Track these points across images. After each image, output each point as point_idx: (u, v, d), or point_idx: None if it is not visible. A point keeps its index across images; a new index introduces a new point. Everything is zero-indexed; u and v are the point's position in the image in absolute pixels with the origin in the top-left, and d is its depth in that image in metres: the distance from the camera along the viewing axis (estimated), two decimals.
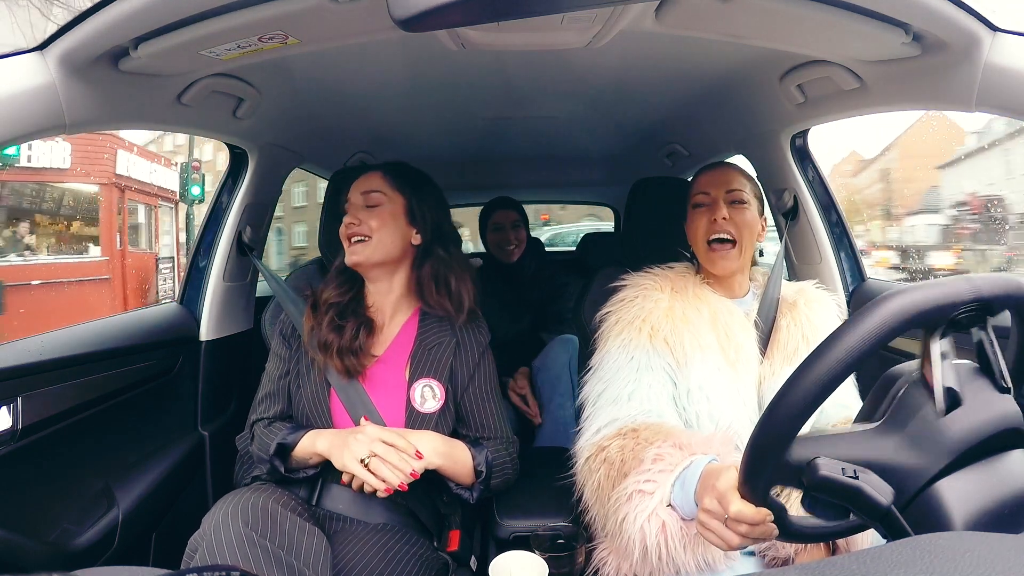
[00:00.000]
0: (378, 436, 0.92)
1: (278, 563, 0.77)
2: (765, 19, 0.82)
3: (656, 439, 0.83)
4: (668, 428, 0.87)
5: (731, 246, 1.01)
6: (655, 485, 0.78)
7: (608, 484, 0.85)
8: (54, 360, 0.98)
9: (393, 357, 1.07)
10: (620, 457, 0.85)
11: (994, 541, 0.33)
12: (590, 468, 0.90)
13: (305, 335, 1.07)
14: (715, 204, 1.01)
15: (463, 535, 1.05)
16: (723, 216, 1.00)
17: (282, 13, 0.73)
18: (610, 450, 0.87)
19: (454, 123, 1.72)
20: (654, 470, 0.79)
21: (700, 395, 0.95)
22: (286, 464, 0.99)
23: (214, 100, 1.07)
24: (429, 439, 0.98)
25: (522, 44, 0.99)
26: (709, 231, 1.01)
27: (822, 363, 0.49)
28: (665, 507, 0.78)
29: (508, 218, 1.98)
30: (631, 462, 0.83)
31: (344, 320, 1.05)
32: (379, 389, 1.05)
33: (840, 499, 0.51)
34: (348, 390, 1.03)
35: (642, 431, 0.87)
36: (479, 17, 0.55)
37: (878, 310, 0.48)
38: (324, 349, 1.03)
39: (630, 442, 0.86)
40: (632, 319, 1.00)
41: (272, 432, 1.02)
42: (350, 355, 1.03)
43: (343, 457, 0.92)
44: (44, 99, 0.75)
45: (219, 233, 1.41)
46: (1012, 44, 0.76)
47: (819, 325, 1.02)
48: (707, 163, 1.11)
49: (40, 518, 0.97)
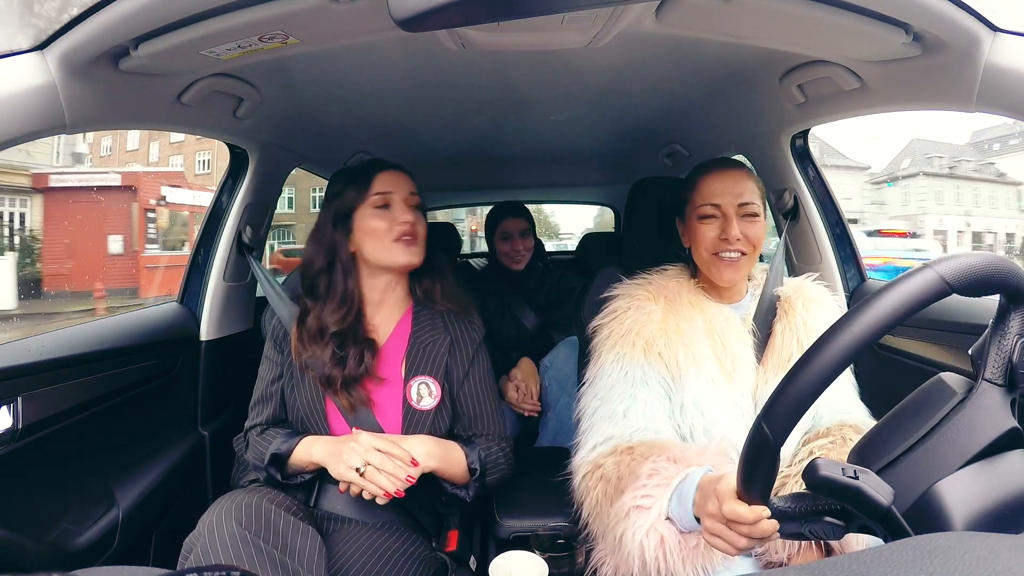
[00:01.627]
0: (372, 444, 0.92)
1: (272, 562, 0.77)
2: (765, 19, 0.82)
3: (651, 454, 0.83)
4: (662, 443, 0.87)
5: (741, 256, 0.96)
6: (652, 500, 0.78)
7: (606, 501, 0.85)
8: (54, 360, 0.98)
9: (389, 355, 1.07)
10: (616, 474, 0.85)
11: (994, 541, 0.33)
12: (587, 486, 0.90)
13: (295, 355, 1.05)
14: (727, 219, 0.95)
15: (462, 535, 1.05)
16: (736, 236, 0.94)
17: (282, 13, 0.73)
18: (606, 467, 0.87)
19: (454, 123, 1.72)
20: (650, 485, 0.79)
21: (695, 409, 0.94)
22: (283, 472, 1.00)
23: (214, 100, 1.07)
24: (423, 443, 0.97)
25: (522, 44, 0.99)
26: (719, 246, 0.96)
27: (817, 360, 0.49)
28: (663, 521, 0.78)
29: (518, 227, 1.97)
30: (627, 479, 0.82)
31: (345, 349, 1.03)
32: (376, 387, 1.05)
33: (840, 499, 0.51)
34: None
35: (637, 448, 0.87)
36: (479, 17, 0.55)
37: (872, 304, 0.48)
38: (328, 384, 1.01)
39: (625, 458, 0.86)
40: (625, 333, 0.98)
41: (266, 440, 1.01)
42: (354, 383, 1.01)
43: (338, 466, 0.92)
44: (44, 99, 0.75)
45: (219, 233, 1.41)
46: (1012, 44, 0.76)
47: (815, 328, 0.99)
48: (711, 161, 1.04)
49: (40, 518, 0.97)
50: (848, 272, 1.40)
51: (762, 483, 0.56)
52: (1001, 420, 0.51)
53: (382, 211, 1.05)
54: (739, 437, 0.93)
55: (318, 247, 1.06)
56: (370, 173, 1.07)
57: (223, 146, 1.41)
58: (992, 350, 0.54)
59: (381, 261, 1.05)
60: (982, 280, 0.50)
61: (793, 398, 0.50)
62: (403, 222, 1.04)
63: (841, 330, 0.49)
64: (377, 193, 1.05)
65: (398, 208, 1.05)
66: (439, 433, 1.05)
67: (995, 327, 0.55)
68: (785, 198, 1.41)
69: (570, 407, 1.60)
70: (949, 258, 0.51)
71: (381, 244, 1.04)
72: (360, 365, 1.01)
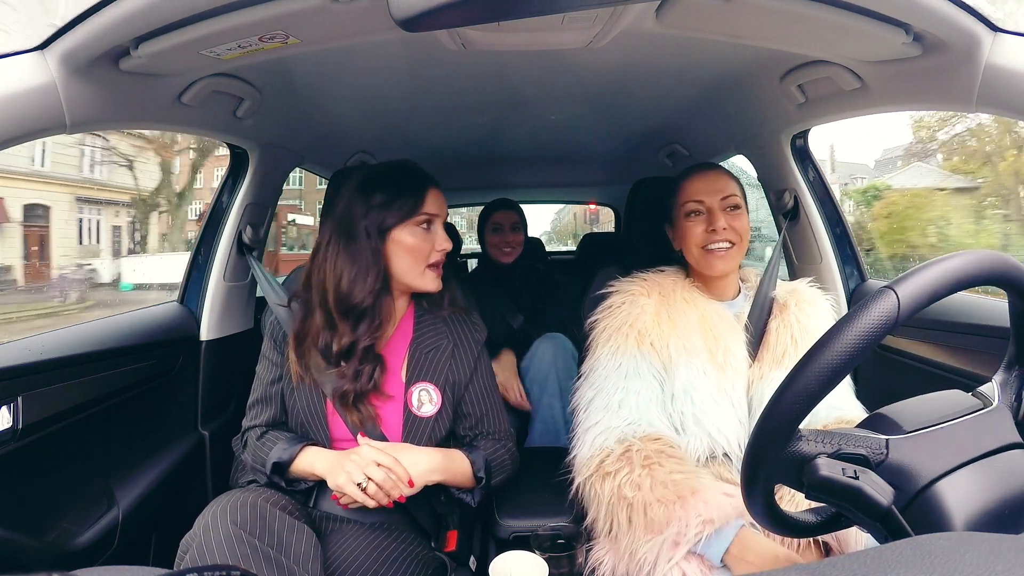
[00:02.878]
0: (373, 459, 0.91)
1: (267, 561, 0.77)
2: (765, 19, 0.82)
3: (681, 491, 0.84)
4: (688, 482, 0.87)
5: (730, 247, 1.01)
6: (682, 537, 0.82)
7: (623, 517, 0.87)
8: (54, 360, 0.98)
9: (390, 360, 1.06)
10: (640, 500, 0.86)
11: (994, 541, 0.33)
12: (597, 490, 0.91)
13: (293, 371, 1.02)
14: (712, 213, 1.01)
15: (461, 535, 1.05)
16: (723, 226, 1.00)
17: (282, 13, 0.73)
18: (621, 482, 0.88)
19: (454, 123, 1.72)
20: (688, 536, 0.81)
21: (685, 398, 0.96)
22: (285, 479, 0.99)
23: (214, 100, 1.07)
24: (427, 457, 0.97)
25: (523, 44, 0.99)
26: (707, 239, 1.01)
27: (822, 358, 0.49)
28: (686, 553, 0.82)
29: (508, 219, 1.98)
30: (654, 507, 0.84)
31: (363, 364, 0.99)
32: (376, 393, 1.04)
33: (840, 499, 0.51)
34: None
35: (654, 463, 0.88)
36: (479, 17, 0.55)
37: (874, 304, 0.48)
38: (342, 400, 0.99)
39: (646, 480, 0.87)
40: (620, 325, 1.02)
41: (266, 445, 1.01)
42: (363, 398, 0.99)
43: (338, 479, 0.91)
44: (45, 99, 0.75)
45: (219, 233, 1.41)
46: (1013, 44, 0.76)
47: (809, 327, 1.02)
48: (691, 166, 1.10)
49: (40, 518, 0.97)
50: (848, 272, 1.40)
51: (765, 483, 0.56)
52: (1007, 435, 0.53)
53: (424, 231, 1.00)
54: (730, 428, 0.96)
55: (368, 266, 0.97)
56: (421, 189, 1.01)
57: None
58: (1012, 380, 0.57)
59: (407, 281, 1.02)
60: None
61: (802, 391, 0.49)
62: (442, 248, 1.01)
63: (845, 328, 0.48)
64: (426, 213, 1.00)
65: (439, 231, 1.02)
66: (439, 439, 1.04)
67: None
68: (785, 198, 1.41)
69: (553, 407, 1.60)
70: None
71: (415, 267, 1.00)
72: (370, 381, 1.00)
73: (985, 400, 0.56)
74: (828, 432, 0.54)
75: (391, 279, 1.02)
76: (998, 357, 0.60)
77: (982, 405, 0.55)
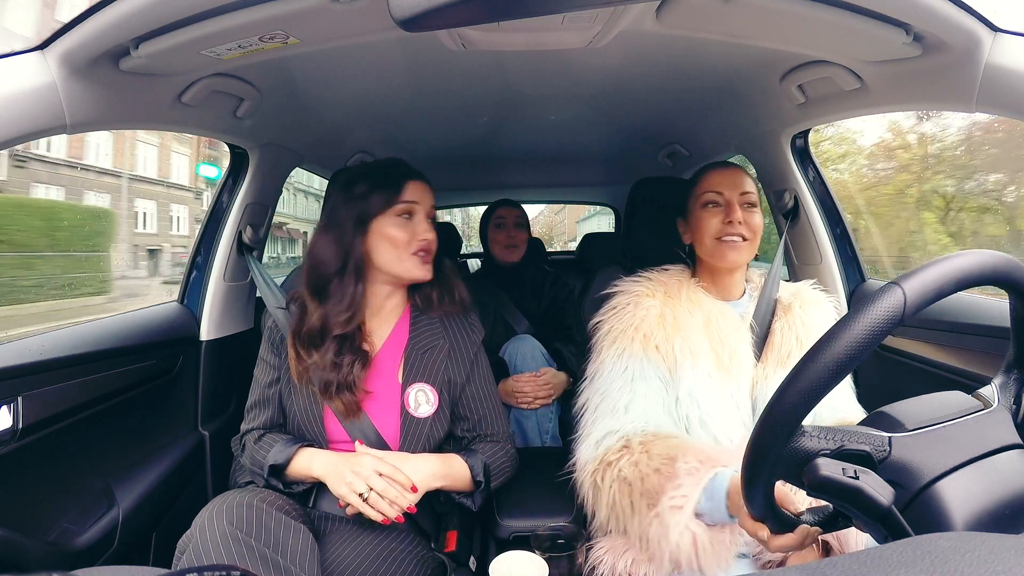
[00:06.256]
0: (375, 468, 0.91)
1: (263, 561, 0.77)
2: (765, 19, 0.82)
3: (674, 453, 0.84)
4: (682, 444, 0.88)
5: (743, 240, 1.01)
6: (685, 499, 0.81)
7: (626, 502, 0.86)
8: (54, 360, 0.98)
9: (386, 361, 1.07)
10: (638, 475, 0.85)
11: (994, 541, 0.33)
12: (597, 483, 0.91)
13: (293, 370, 1.03)
14: (730, 206, 1.01)
15: (461, 535, 1.05)
16: (739, 219, 1.00)
17: (282, 13, 0.73)
18: (621, 467, 0.88)
19: (454, 123, 1.72)
20: (686, 484, 0.81)
21: (690, 401, 0.95)
22: (283, 481, 0.99)
23: (214, 100, 1.07)
24: (427, 464, 0.97)
25: (523, 44, 0.99)
26: (723, 230, 1.01)
27: (829, 351, 0.48)
28: (694, 519, 0.80)
29: (511, 214, 1.95)
30: (651, 477, 0.84)
31: (342, 356, 1.01)
32: (373, 394, 1.04)
33: (840, 499, 0.51)
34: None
35: (654, 448, 0.87)
36: (479, 17, 0.55)
37: (877, 303, 0.48)
38: (325, 389, 1.00)
39: (643, 458, 0.86)
40: (625, 327, 1.01)
41: (263, 447, 1.01)
42: (346, 391, 1.00)
43: (339, 487, 0.92)
44: (45, 99, 0.75)
45: (219, 233, 1.41)
46: (1013, 44, 0.76)
47: (814, 328, 1.02)
48: (714, 161, 1.10)
49: (40, 518, 0.97)
50: (848, 272, 1.40)
51: (764, 484, 0.56)
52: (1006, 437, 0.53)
53: (405, 221, 1.03)
54: (735, 430, 0.95)
55: (335, 248, 1.02)
56: (400, 180, 1.03)
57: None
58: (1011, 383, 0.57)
59: (392, 271, 1.04)
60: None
61: (807, 384, 0.49)
62: (424, 238, 1.03)
63: (852, 322, 0.48)
64: (405, 202, 1.02)
65: (421, 221, 1.04)
66: (436, 440, 1.04)
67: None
68: (785, 198, 1.41)
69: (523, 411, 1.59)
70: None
71: (397, 255, 1.02)
72: (351, 374, 1.00)
73: (985, 402, 0.56)
74: (831, 428, 0.54)
75: (376, 271, 1.04)
76: (998, 357, 0.60)
77: (982, 406, 0.55)
